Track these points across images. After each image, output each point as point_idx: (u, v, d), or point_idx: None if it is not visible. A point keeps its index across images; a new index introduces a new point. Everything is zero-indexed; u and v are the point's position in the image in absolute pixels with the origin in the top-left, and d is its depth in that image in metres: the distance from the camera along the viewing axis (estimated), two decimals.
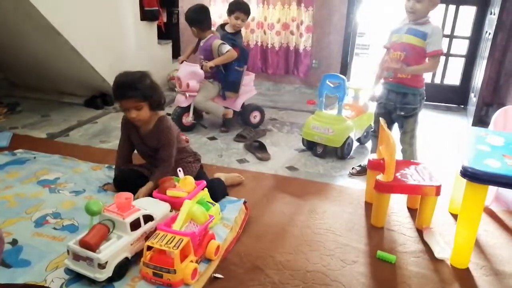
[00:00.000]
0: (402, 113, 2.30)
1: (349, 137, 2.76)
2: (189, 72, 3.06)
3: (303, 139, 2.92)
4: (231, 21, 3.23)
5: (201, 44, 3.13)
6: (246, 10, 3.22)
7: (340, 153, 2.76)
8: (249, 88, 3.41)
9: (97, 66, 3.41)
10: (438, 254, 1.75)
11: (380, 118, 2.17)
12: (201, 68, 3.05)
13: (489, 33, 3.57)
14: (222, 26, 3.30)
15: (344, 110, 2.83)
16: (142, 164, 2.18)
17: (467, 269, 1.69)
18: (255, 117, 3.37)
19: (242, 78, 3.22)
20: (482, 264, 1.73)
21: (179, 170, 1.95)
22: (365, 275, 1.63)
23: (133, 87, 1.88)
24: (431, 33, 2.15)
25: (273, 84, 4.70)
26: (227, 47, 3.00)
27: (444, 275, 1.65)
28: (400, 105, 2.28)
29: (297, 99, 4.35)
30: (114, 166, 2.21)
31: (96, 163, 2.48)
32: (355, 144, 2.98)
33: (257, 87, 4.61)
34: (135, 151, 2.19)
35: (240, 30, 3.33)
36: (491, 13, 3.68)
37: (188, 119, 3.17)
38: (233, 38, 3.16)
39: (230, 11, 3.21)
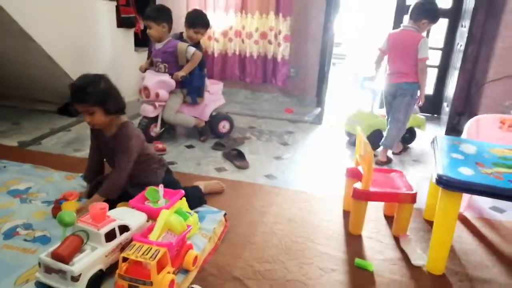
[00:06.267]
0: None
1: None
2: (158, 81, 2.91)
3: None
4: (188, 34, 3.12)
5: (158, 47, 3.00)
6: (206, 25, 3.16)
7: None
8: (218, 97, 3.36)
9: (71, 73, 3.32)
10: (414, 261, 1.77)
11: (357, 128, 2.19)
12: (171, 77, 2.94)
13: (461, 45, 3.68)
14: (180, 37, 3.18)
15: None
16: None
17: (443, 275, 1.72)
18: (223, 126, 3.31)
19: (205, 81, 3.15)
20: (457, 270, 1.76)
21: (161, 187, 1.91)
22: (344, 283, 1.63)
23: (84, 91, 1.80)
24: None
25: (251, 93, 4.71)
26: (192, 49, 2.96)
27: (420, 282, 1.67)
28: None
29: (275, 107, 4.38)
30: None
31: (69, 172, 2.41)
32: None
33: (235, 96, 4.64)
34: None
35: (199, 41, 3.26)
36: (462, 26, 3.80)
37: (156, 130, 3.05)
38: (196, 47, 3.07)
39: (190, 24, 3.10)
